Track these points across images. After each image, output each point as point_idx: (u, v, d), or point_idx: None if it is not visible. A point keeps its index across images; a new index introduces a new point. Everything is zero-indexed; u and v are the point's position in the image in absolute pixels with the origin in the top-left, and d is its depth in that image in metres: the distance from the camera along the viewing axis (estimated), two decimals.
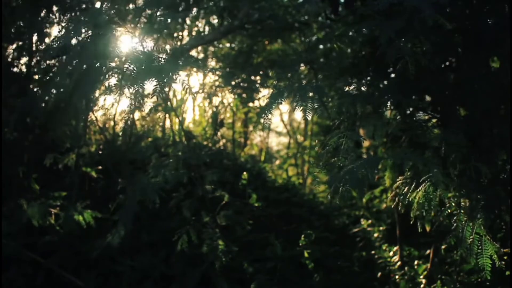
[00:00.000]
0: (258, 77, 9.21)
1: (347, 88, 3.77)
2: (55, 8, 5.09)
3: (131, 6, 4.94)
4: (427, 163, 3.15)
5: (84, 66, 3.30)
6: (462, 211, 3.20)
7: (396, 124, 3.83)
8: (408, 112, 3.80)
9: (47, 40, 5.44)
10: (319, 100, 3.19)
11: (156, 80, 3.14)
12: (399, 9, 3.09)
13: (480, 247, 3.02)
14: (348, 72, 4.22)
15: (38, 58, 5.62)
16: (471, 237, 3.05)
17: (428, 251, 5.52)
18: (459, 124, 3.55)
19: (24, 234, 5.25)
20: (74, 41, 3.44)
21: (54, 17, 5.20)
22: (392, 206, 5.40)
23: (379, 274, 5.77)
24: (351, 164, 3.03)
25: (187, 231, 4.56)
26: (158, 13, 3.53)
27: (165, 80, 3.18)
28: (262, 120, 3.17)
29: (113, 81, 3.69)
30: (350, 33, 4.32)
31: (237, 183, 6.71)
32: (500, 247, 3.57)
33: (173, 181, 4.63)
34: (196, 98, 11.13)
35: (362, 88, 3.72)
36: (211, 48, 10.66)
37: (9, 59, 5.67)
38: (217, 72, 10.17)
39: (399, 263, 5.68)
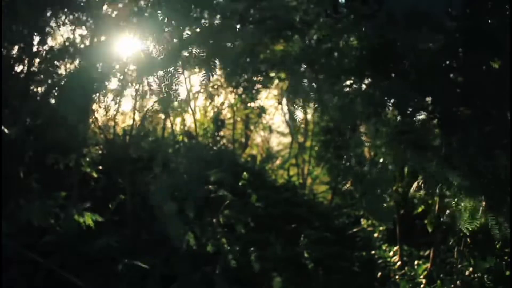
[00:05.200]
0: (259, 77, 9.18)
1: (348, 89, 3.78)
2: (57, 9, 5.10)
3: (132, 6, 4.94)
4: (427, 164, 3.16)
5: (86, 67, 3.30)
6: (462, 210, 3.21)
7: (396, 125, 3.84)
8: (409, 112, 3.80)
9: (49, 41, 5.45)
10: (320, 101, 3.20)
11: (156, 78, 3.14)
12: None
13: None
14: (349, 73, 4.22)
15: (39, 59, 5.62)
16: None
17: (428, 251, 5.53)
18: (460, 124, 3.55)
19: (24, 234, 5.25)
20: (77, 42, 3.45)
21: (55, 18, 5.20)
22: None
23: (379, 274, 5.77)
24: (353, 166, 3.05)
25: (191, 230, 4.56)
26: (159, 13, 3.53)
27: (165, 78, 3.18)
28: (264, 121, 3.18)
29: (115, 81, 3.70)
30: (353, 34, 4.32)
31: (237, 183, 6.71)
32: (501, 247, 3.57)
33: (174, 180, 4.63)
34: (198, 98, 11.11)
35: (363, 89, 3.72)
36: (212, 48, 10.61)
37: (11, 60, 5.67)
38: (218, 72, 10.14)
39: (399, 263, 5.69)
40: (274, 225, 6.80)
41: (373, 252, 6.27)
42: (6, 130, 5.46)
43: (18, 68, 5.82)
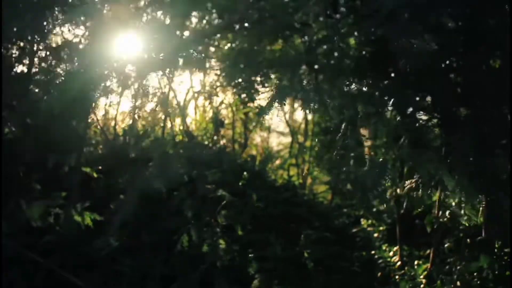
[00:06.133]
0: (258, 77, 9.17)
1: (347, 89, 3.78)
2: (56, 9, 5.10)
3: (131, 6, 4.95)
4: (427, 164, 3.16)
5: (86, 67, 3.31)
6: (462, 211, 3.21)
7: (396, 125, 3.84)
8: (409, 112, 3.81)
9: (49, 41, 5.45)
10: (319, 101, 3.20)
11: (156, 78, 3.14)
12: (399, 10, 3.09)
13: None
14: (349, 73, 4.23)
15: (39, 59, 5.63)
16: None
17: (428, 251, 5.53)
18: (459, 124, 3.56)
19: (24, 234, 5.25)
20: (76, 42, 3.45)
21: (55, 18, 5.20)
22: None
23: (379, 274, 5.77)
24: (353, 167, 3.06)
25: (188, 230, 4.57)
26: (159, 13, 3.54)
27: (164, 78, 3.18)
28: (261, 119, 3.19)
29: (114, 81, 3.71)
30: (353, 33, 4.32)
31: (237, 183, 6.71)
32: (501, 247, 3.57)
33: (173, 180, 4.63)
34: (197, 98, 11.11)
35: (363, 89, 3.73)
36: (212, 48, 10.61)
37: (11, 60, 5.67)
38: (218, 72, 10.13)
39: (399, 263, 5.69)
40: (274, 225, 6.80)
41: (373, 252, 6.27)
42: (6, 130, 5.46)
43: (18, 68, 5.82)
